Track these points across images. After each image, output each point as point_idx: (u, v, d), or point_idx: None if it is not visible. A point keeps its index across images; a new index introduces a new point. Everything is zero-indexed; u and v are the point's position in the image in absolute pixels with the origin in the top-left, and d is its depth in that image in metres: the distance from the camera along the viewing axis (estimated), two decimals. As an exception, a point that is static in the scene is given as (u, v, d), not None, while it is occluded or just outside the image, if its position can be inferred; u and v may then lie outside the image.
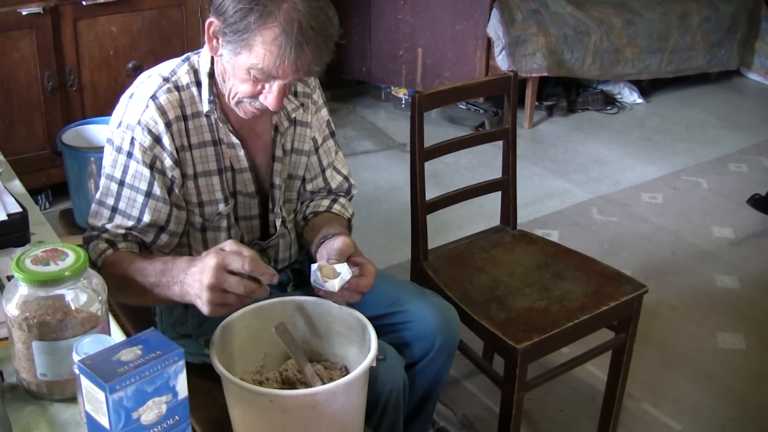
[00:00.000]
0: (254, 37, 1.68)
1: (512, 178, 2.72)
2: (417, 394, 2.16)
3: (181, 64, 1.90)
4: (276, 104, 1.78)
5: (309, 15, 1.68)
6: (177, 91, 1.86)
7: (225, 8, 1.70)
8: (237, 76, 1.77)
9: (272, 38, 1.68)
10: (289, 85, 1.78)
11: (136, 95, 1.86)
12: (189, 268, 1.67)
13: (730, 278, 3.66)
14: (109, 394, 1.17)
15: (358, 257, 1.86)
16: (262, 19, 1.67)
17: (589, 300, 2.40)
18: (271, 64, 1.70)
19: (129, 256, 1.81)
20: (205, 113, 1.88)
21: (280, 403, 1.65)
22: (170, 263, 1.72)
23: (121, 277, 1.77)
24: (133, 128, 1.82)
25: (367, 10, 5.26)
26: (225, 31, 1.72)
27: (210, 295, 1.61)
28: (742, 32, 5.91)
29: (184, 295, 1.69)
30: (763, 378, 3.05)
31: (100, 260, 1.80)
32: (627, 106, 5.66)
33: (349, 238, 1.89)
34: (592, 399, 2.87)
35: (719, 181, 4.62)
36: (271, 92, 1.77)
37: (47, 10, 3.60)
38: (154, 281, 1.73)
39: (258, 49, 1.69)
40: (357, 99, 5.61)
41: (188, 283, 1.66)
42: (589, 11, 5.26)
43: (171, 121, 1.84)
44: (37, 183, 3.84)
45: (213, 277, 1.60)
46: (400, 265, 3.41)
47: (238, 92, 1.80)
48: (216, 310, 1.64)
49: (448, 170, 4.41)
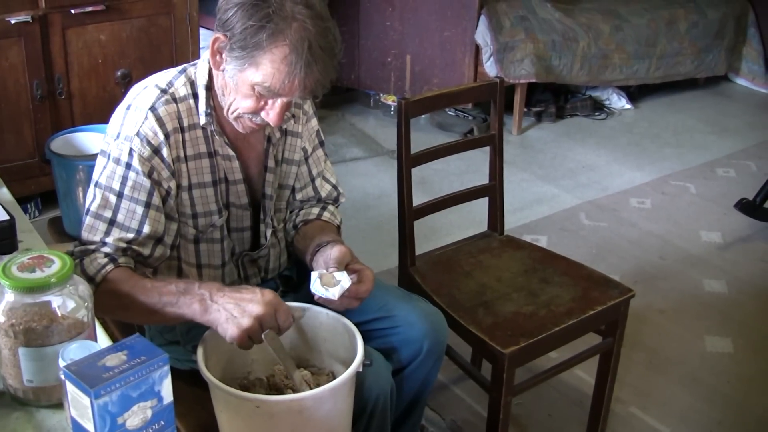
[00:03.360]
0: (264, 54, 1.70)
1: (499, 184, 2.73)
2: (405, 399, 2.16)
3: (178, 76, 1.90)
4: (277, 121, 1.80)
5: (318, 35, 1.70)
6: (175, 102, 1.86)
7: (233, 25, 1.71)
8: (240, 92, 1.78)
9: (282, 57, 1.69)
10: (291, 102, 1.80)
11: (134, 107, 1.85)
12: (230, 291, 1.72)
13: (718, 282, 3.68)
14: (94, 399, 1.17)
15: (355, 264, 1.89)
16: (273, 37, 1.68)
17: (575, 305, 2.42)
18: (279, 83, 1.71)
19: (134, 275, 1.80)
20: (202, 125, 1.88)
21: (267, 408, 1.66)
22: (196, 284, 1.75)
23: (127, 294, 1.76)
24: (131, 139, 1.82)
25: (355, 17, 5.27)
26: (232, 47, 1.73)
27: (253, 324, 1.67)
28: (730, 38, 5.94)
29: (209, 313, 1.70)
30: (751, 381, 3.07)
31: (99, 276, 1.77)
32: (615, 111, 5.68)
33: (345, 246, 1.91)
34: (581, 403, 2.88)
35: (707, 185, 4.64)
36: (274, 109, 1.78)
37: (36, 19, 3.60)
38: (169, 300, 1.73)
39: (266, 66, 1.71)
40: (346, 106, 5.61)
41: (224, 303, 1.69)
42: (577, 17, 5.28)
43: (170, 132, 1.84)
44: (27, 191, 3.83)
45: (266, 312, 1.68)
46: (389, 272, 3.41)
47: (239, 107, 1.81)
48: (243, 339, 1.68)
49: (437, 176, 4.43)
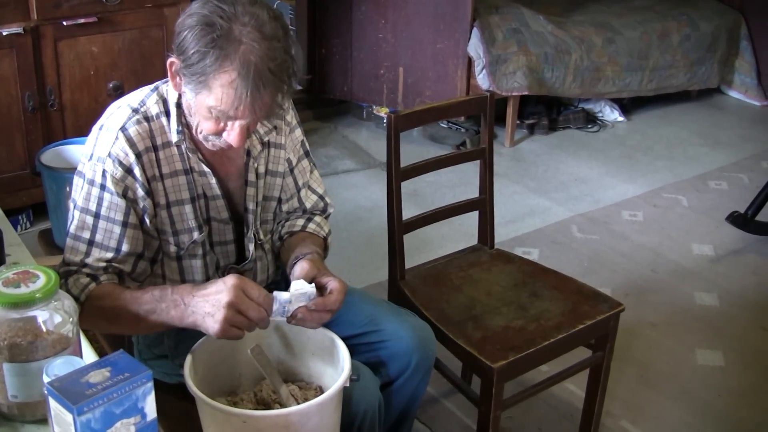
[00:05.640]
0: (212, 79, 1.68)
1: (489, 197, 2.73)
2: (394, 413, 2.16)
3: (150, 94, 1.90)
4: (238, 143, 1.78)
5: (266, 57, 1.68)
6: (146, 121, 1.86)
7: (185, 48, 1.70)
8: (200, 114, 1.78)
9: (228, 81, 1.68)
10: (251, 123, 1.79)
11: (106, 127, 1.86)
12: (198, 291, 1.72)
13: (709, 295, 3.68)
14: (76, 416, 1.17)
15: (323, 277, 1.85)
16: (219, 62, 1.66)
17: (565, 319, 2.41)
18: (229, 106, 1.70)
19: (116, 288, 1.82)
20: (175, 143, 1.88)
21: (254, 423, 1.66)
22: (169, 289, 1.76)
23: (111, 308, 1.78)
24: (104, 161, 1.82)
25: (348, 29, 5.28)
26: (184, 72, 1.72)
27: (228, 313, 1.66)
28: (722, 50, 5.95)
29: (186, 317, 1.72)
30: (742, 395, 3.06)
31: (83, 295, 1.79)
32: (608, 124, 5.68)
33: (308, 263, 1.88)
34: (571, 417, 2.88)
35: (699, 198, 4.64)
36: (234, 130, 1.77)
37: (28, 31, 3.60)
38: (149, 308, 1.75)
39: (216, 91, 1.69)
40: (338, 118, 5.61)
41: (196, 303, 1.71)
42: (570, 30, 5.29)
43: (141, 152, 1.84)
44: (18, 203, 3.84)
45: (234, 296, 1.67)
46: (380, 284, 3.42)
47: (203, 129, 1.80)
48: (227, 330, 1.68)
49: (429, 188, 4.43)
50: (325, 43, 5.37)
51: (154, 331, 1.90)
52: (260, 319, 1.71)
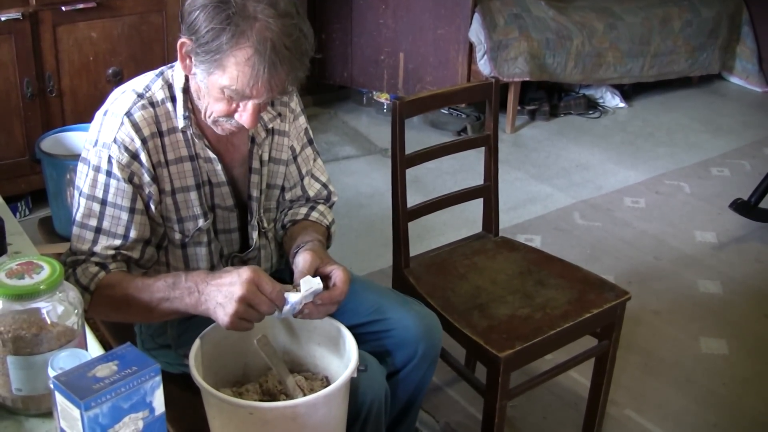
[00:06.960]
0: (227, 57, 1.66)
1: (494, 184, 2.71)
2: (399, 402, 2.15)
3: (155, 79, 1.87)
4: (251, 123, 1.76)
5: (282, 33, 1.66)
6: (152, 107, 1.84)
7: (197, 28, 1.68)
8: (211, 96, 1.76)
9: (245, 59, 1.66)
10: (263, 103, 1.77)
11: (111, 112, 1.83)
12: (213, 279, 1.71)
13: (712, 283, 3.67)
14: (84, 411, 1.15)
15: (326, 267, 1.84)
16: (235, 39, 1.64)
17: (571, 307, 2.40)
18: (245, 85, 1.68)
19: (126, 276, 1.81)
20: (181, 129, 1.86)
21: (260, 415, 1.64)
22: (183, 276, 1.75)
23: (122, 297, 1.76)
24: (109, 146, 1.80)
25: (348, 15, 5.25)
26: (197, 51, 1.69)
27: (239, 307, 1.66)
28: (724, 36, 5.93)
29: (200, 305, 1.71)
30: (746, 383, 3.05)
31: (92, 284, 1.78)
32: (609, 110, 5.66)
33: (310, 253, 1.85)
34: (576, 406, 2.87)
35: (701, 185, 4.63)
36: (246, 111, 1.75)
37: (26, 16, 3.57)
38: (161, 296, 1.74)
39: (231, 69, 1.67)
40: (339, 104, 5.59)
41: (209, 292, 1.69)
42: (571, 16, 5.26)
43: (147, 137, 1.82)
44: (17, 190, 3.81)
45: (246, 290, 1.65)
46: (382, 272, 3.40)
47: (213, 111, 1.78)
48: (236, 324, 1.68)
49: (430, 175, 4.40)
50: (325, 28, 5.33)
51: (166, 319, 1.88)
52: (271, 313, 1.71)
